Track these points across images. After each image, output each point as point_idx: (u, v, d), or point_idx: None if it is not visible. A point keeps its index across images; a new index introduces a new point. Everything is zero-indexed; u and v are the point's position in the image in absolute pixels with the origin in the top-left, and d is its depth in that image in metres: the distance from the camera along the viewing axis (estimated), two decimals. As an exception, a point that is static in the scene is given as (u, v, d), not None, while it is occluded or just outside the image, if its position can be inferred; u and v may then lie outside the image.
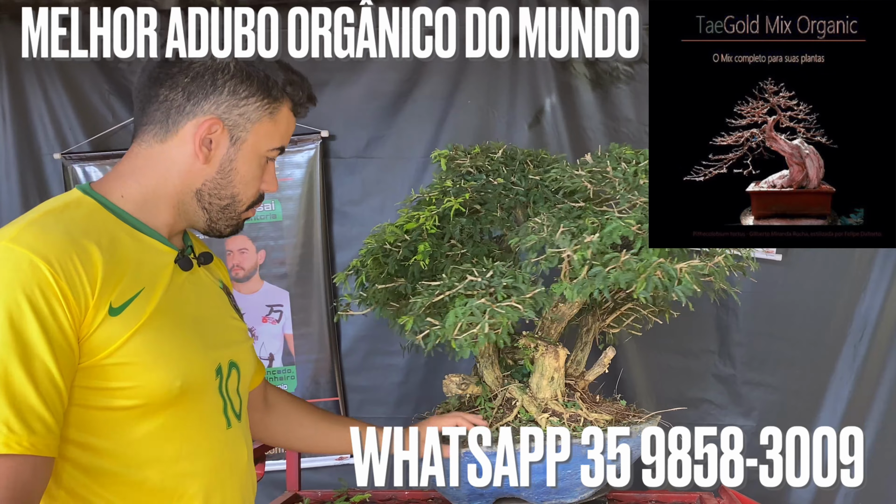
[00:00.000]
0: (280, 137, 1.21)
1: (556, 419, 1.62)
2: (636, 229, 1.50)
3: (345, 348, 2.81)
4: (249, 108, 1.15)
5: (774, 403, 2.69)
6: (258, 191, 1.23)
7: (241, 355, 1.24)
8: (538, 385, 1.67)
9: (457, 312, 1.41)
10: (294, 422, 1.54)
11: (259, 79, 1.16)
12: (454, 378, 1.71)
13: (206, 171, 1.16)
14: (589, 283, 1.46)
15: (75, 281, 0.97)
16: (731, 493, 1.87)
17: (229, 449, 1.17)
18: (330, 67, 2.80)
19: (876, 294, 2.62)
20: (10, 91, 2.83)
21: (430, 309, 1.47)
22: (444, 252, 1.65)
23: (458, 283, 1.48)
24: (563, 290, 1.49)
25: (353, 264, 1.78)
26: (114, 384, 1.01)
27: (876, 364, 2.62)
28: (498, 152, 1.85)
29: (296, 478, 2.07)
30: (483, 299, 1.43)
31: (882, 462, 2.62)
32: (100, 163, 2.80)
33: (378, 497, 2.01)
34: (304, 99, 1.23)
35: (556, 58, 2.69)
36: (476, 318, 1.40)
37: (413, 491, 2.02)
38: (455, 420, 1.58)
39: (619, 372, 2.60)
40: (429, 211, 1.66)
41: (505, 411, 1.66)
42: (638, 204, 1.57)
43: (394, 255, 1.65)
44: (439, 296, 1.47)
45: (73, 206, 1.08)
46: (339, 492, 2.03)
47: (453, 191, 1.72)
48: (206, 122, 1.13)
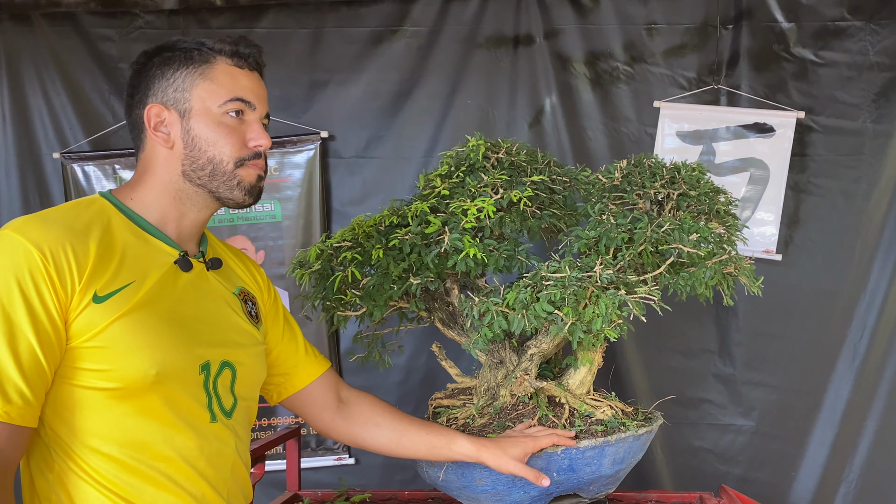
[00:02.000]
0: (226, 90, 1.23)
1: (611, 411, 1.62)
2: (720, 230, 1.57)
3: (344, 348, 2.81)
4: (179, 81, 1.22)
5: (774, 403, 2.69)
6: (240, 148, 1.24)
7: (240, 357, 1.27)
8: (582, 380, 1.66)
9: (606, 303, 1.43)
10: (370, 423, 1.52)
11: (180, 52, 1.23)
12: (526, 377, 1.66)
13: (176, 153, 1.23)
14: (694, 276, 1.52)
15: (63, 268, 1.07)
16: (731, 493, 1.87)
17: (209, 443, 1.20)
18: (330, 67, 2.81)
19: (876, 294, 2.62)
20: (11, 91, 2.83)
21: (564, 300, 1.45)
22: (488, 248, 1.59)
23: (584, 275, 1.49)
24: (680, 283, 1.54)
25: (311, 257, 1.73)
26: (94, 366, 1.09)
27: (876, 364, 2.62)
28: (521, 151, 1.82)
29: (296, 478, 2.07)
30: (621, 291, 1.45)
31: (882, 462, 2.62)
32: (99, 162, 2.80)
33: (378, 497, 2.01)
34: (234, 48, 1.25)
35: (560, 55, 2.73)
36: (628, 307, 1.44)
37: (413, 491, 2.02)
38: (552, 440, 1.52)
39: (612, 368, 2.61)
40: (481, 201, 1.59)
41: (553, 409, 1.64)
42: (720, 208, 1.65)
43: (422, 251, 1.59)
44: (573, 286, 1.45)
45: (84, 204, 1.19)
46: (339, 492, 2.03)
47: (503, 184, 1.66)
48: (149, 111, 1.22)
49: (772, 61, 2.67)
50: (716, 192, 1.76)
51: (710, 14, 2.69)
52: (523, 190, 1.64)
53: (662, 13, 2.71)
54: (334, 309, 1.72)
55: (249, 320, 1.34)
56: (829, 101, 2.64)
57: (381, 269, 1.63)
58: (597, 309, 1.43)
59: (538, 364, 1.68)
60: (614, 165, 1.79)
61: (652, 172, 1.75)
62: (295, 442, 2.07)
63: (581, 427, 1.58)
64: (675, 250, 1.54)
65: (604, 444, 1.54)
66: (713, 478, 2.67)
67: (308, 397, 1.50)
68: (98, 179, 2.81)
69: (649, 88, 2.72)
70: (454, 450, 1.49)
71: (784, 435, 2.69)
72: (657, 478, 2.72)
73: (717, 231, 1.60)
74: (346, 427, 1.52)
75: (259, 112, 1.27)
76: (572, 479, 1.56)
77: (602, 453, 1.54)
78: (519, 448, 1.48)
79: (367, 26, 2.79)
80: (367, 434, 1.52)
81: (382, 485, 2.68)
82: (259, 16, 2.81)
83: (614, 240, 1.56)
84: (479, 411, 1.68)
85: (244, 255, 1.48)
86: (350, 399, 1.53)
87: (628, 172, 1.77)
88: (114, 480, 1.11)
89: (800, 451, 2.68)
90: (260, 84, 1.29)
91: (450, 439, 1.50)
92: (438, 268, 1.60)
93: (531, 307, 1.46)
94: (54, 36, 2.82)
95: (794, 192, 2.66)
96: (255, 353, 1.33)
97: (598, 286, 1.47)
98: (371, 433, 1.51)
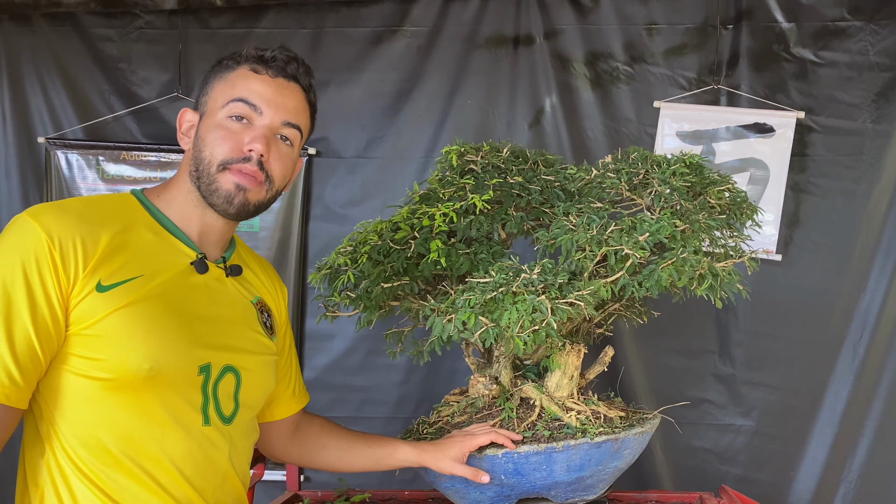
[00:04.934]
0: (233, 90, 1.23)
1: (582, 416, 1.61)
2: (682, 229, 1.54)
3: (345, 348, 2.81)
4: (207, 86, 1.27)
5: (774, 403, 2.69)
6: (231, 151, 1.21)
7: (247, 364, 1.27)
8: (558, 384, 1.66)
9: (518, 308, 1.42)
10: (317, 444, 1.56)
11: (219, 63, 1.27)
12: (481, 378, 1.68)
13: (188, 155, 1.26)
14: (646, 278, 1.51)
15: (69, 254, 1.09)
16: (731, 493, 1.87)
17: (199, 446, 1.19)
18: (330, 67, 2.80)
19: (876, 294, 2.62)
20: (11, 91, 2.83)
21: (484, 306, 1.45)
22: (459, 250, 1.62)
23: (511, 279, 1.48)
24: (634, 285, 1.52)
25: (331, 261, 1.75)
26: (89, 354, 1.10)
27: (875, 364, 2.62)
28: (504, 151, 1.83)
29: (296, 478, 2.07)
30: (543, 296, 1.44)
31: (881, 462, 2.62)
32: (83, 151, 2.77)
33: (378, 497, 2.01)
34: (261, 54, 1.25)
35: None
36: (542, 314, 1.42)
37: (413, 491, 2.02)
38: (489, 437, 1.53)
39: (621, 371, 2.61)
40: (445, 207, 1.62)
41: (525, 411, 1.64)
42: (678, 205, 1.61)
43: (398, 254, 1.63)
44: (493, 292, 1.45)
45: (108, 198, 1.22)
46: (339, 492, 2.03)
47: (470, 188, 1.68)
48: (182, 116, 1.27)
49: (772, 61, 2.67)
50: (713, 183, 1.73)
51: (710, 14, 2.69)
52: (483, 194, 1.64)
53: (662, 13, 2.71)
54: (332, 311, 1.76)
55: (264, 330, 1.34)
56: (829, 102, 2.64)
57: (367, 274, 1.67)
58: (511, 315, 1.42)
59: (508, 365, 1.70)
60: (601, 161, 1.80)
61: (638, 166, 1.74)
62: (295, 442, 2.07)
63: (542, 431, 1.57)
64: (618, 252, 1.51)
65: (548, 450, 1.51)
66: (713, 478, 2.67)
67: (277, 427, 1.52)
68: (80, 168, 2.78)
69: (649, 88, 2.72)
70: (397, 458, 1.54)
71: (784, 435, 2.69)
72: (657, 478, 2.72)
73: (679, 229, 1.55)
74: (297, 452, 1.56)
75: (269, 118, 1.22)
76: (523, 482, 1.54)
77: (550, 459, 1.52)
78: (455, 448, 1.52)
79: (367, 26, 2.79)
80: (315, 455, 1.56)
81: (382, 485, 2.67)
82: (259, 16, 2.81)
83: (565, 241, 1.55)
84: (461, 410, 1.71)
85: (269, 266, 1.47)
86: (302, 425, 1.56)
87: (618, 168, 1.75)
88: (99, 475, 1.11)
89: (799, 451, 2.68)
90: (280, 91, 1.24)
91: (393, 449, 1.54)
92: (409, 272, 1.63)
93: (458, 312, 1.46)
94: (54, 36, 2.82)
95: (794, 192, 2.66)
96: (264, 361, 1.32)
97: (521, 291, 1.45)
98: (319, 454, 1.56)
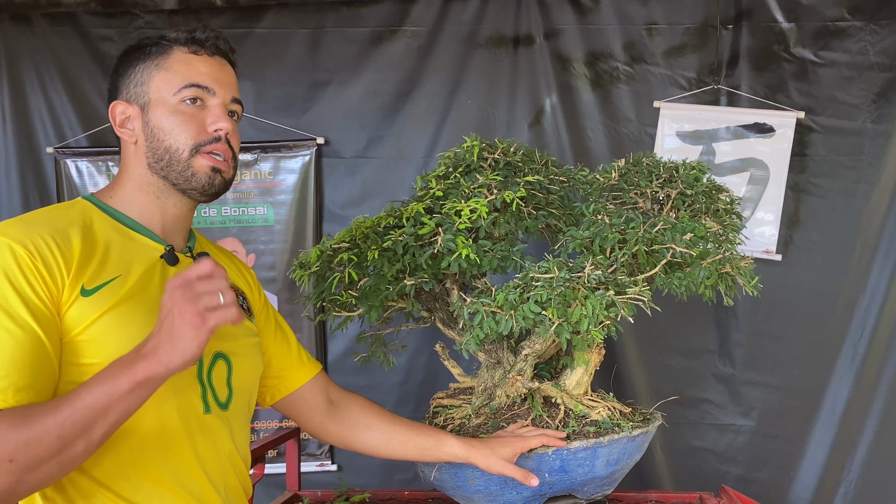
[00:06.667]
0: (181, 78, 1.22)
1: (606, 412, 1.61)
2: (716, 230, 1.55)
3: (345, 348, 2.81)
4: (138, 76, 1.23)
5: (774, 403, 2.69)
6: (198, 133, 1.21)
7: (233, 348, 1.27)
8: (579, 381, 1.65)
9: (594, 304, 1.42)
10: (360, 425, 1.52)
11: (137, 50, 1.24)
12: (519, 378, 1.65)
13: (140, 147, 1.23)
14: (689, 276, 1.51)
15: (50, 261, 1.08)
16: (731, 493, 1.87)
17: (203, 434, 1.19)
18: (330, 67, 2.80)
19: (876, 294, 2.62)
20: (11, 91, 2.83)
21: (555, 300, 1.45)
22: (483, 248, 1.59)
23: (573, 275, 1.48)
24: (674, 283, 1.53)
25: (311, 259, 1.72)
26: (86, 360, 1.09)
27: (875, 364, 2.62)
28: (518, 151, 1.82)
29: (296, 478, 2.07)
30: (610, 291, 1.44)
31: (881, 462, 2.62)
32: (93, 158, 2.79)
33: (378, 497, 2.01)
34: (190, 36, 1.24)
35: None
36: (616, 308, 1.42)
37: (413, 491, 2.02)
38: (541, 440, 1.51)
39: (613, 369, 2.61)
40: (474, 202, 1.59)
41: (549, 409, 1.63)
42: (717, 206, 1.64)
43: (416, 252, 1.59)
44: (561, 287, 1.45)
45: (66, 206, 1.21)
46: (339, 492, 2.03)
47: (497, 185, 1.66)
48: (113, 109, 1.24)
49: (772, 61, 2.67)
50: (717, 190, 1.75)
51: (710, 14, 2.69)
52: (517, 190, 1.63)
53: (662, 13, 2.71)
54: (331, 310, 1.73)
55: (241, 312, 1.33)
56: (829, 102, 2.64)
57: (377, 271, 1.63)
58: (584, 310, 1.43)
59: (533, 364, 1.68)
60: (612, 165, 1.79)
61: (649, 171, 1.75)
62: (294, 442, 2.07)
63: (574, 427, 1.57)
64: (669, 250, 1.54)
65: (595, 445, 1.53)
66: (713, 478, 2.67)
67: (300, 400, 1.50)
68: (91, 176, 2.80)
69: (649, 88, 2.72)
70: (444, 451, 1.50)
71: (784, 435, 2.69)
72: (657, 478, 2.72)
73: (713, 230, 1.58)
74: (337, 429, 1.52)
75: (221, 97, 1.24)
76: (565, 479, 1.55)
77: (594, 454, 1.54)
78: (508, 448, 1.49)
79: (367, 26, 2.79)
80: (357, 436, 1.52)
81: (382, 485, 2.68)
82: (259, 16, 2.81)
83: (607, 240, 1.55)
84: (475, 411, 1.69)
85: (234, 255, 1.48)
86: (340, 401, 1.54)
87: (626, 171, 1.77)
88: (114, 479, 1.10)
89: (799, 451, 2.68)
90: (222, 69, 1.25)
91: (440, 441, 1.51)
92: (433, 269, 1.60)
93: (519, 308, 1.46)
94: (54, 36, 2.82)
95: (794, 192, 2.66)
96: (249, 343, 1.32)
97: (588, 287, 1.46)
98: (361, 435, 1.52)
